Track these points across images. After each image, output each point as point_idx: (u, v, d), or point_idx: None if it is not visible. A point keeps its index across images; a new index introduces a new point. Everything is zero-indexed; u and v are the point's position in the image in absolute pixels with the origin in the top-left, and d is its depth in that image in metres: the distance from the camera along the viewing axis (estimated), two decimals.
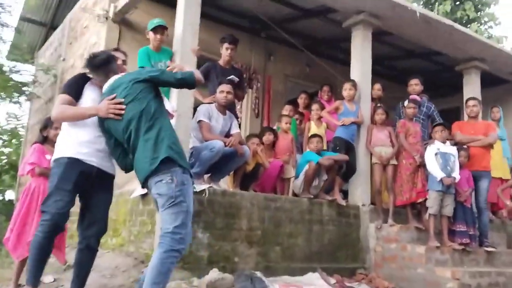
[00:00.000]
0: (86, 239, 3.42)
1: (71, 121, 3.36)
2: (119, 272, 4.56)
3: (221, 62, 6.01)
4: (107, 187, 3.53)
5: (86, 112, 3.31)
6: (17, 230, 4.12)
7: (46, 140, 4.37)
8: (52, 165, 3.40)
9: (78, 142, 3.34)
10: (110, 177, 3.53)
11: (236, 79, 5.79)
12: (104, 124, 3.24)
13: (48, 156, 4.14)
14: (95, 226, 3.42)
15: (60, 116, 3.37)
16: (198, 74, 3.34)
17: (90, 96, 3.44)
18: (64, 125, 3.47)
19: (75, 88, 3.42)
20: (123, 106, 3.09)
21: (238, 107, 7.14)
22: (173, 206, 2.96)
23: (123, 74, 3.38)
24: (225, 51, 5.92)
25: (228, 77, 5.66)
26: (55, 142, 3.66)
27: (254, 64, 8.43)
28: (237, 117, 6.02)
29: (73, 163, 3.28)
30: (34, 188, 4.21)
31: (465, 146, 6.18)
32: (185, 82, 3.31)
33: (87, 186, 3.39)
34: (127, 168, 3.36)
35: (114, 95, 3.15)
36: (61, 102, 3.35)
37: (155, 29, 5.16)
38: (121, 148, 3.27)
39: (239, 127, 6.26)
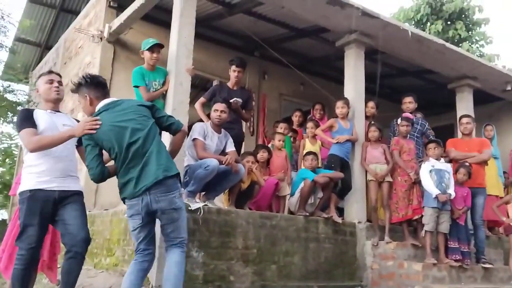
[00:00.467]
0: (75, 247, 3.44)
1: (50, 147, 3.42)
2: None
3: (229, 83, 6.12)
4: (75, 202, 3.56)
5: (63, 135, 3.43)
6: (9, 250, 4.10)
7: None
8: (18, 201, 3.46)
9: (38, 173, 3.43)
10: (75, 193, 3.58)
11: (240, 100, 5.85)
12: (91, 136, 3.38)
13: None
14: (78, 235, 3.45)
15: (38, 146, 3.40)
16: (185, 129, 3.70)
17: (42, 123, 3.51)
18: (26, 158, 3.52)
19: (31, 121, 3.49)
20: (99, 122, 3.33)
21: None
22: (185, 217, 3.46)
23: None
24: (232, 73, 6.04)
25: (232, 99, 5.74)
26: None
27: (248, 83, 8.48)
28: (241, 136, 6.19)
29: (34, 195, 3.37)
30: None
31: (467, 164, 6.17)
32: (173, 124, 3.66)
33: (55, 211, 3.46)
34: (103, 177, 3.43)
35: (98, 118, 3.37)
36: (31, 135, 3.42)
37: (151, 48, 5.15)
38: (101, 158, 3.44)
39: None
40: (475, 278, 5.92)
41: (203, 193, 5.22)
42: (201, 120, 5.79)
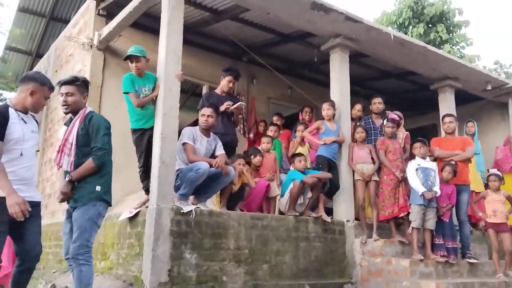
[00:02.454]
0: (27, 263, 3.49)
1: None
2: None
3: (217, 90, 6.12)
4: (37, 217, 3.53)
5: (3, 187, 3.21)
6: None
7: None
8: None
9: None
10: (37, 204, 3.54)
11: (244, 104, 5.99)
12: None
13: None
14: (33, 251, 3.49)
15: None
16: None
17: (15, 133, 3.34)
18: None
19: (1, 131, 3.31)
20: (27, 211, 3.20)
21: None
22: None
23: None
24: (226, 83, 6.01)
25: (225, 104, 5.76)
26: None
27: (237, 87, 8.50)
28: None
29: (3, 202, 3.20)
30: None
31: (452, 162, 6.24)
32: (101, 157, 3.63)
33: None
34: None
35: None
36: None
37: (128, 59, 5.19)
38: None
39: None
40: (461, 273, 5.98)
41: (194, 196, 5.22)
42: (193, 124, 5.80)
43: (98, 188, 3.58)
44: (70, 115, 3.85)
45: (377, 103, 6.93)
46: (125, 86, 5.12)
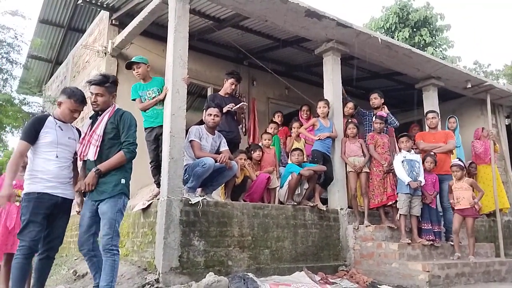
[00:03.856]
0: (48, 251, 3.51)
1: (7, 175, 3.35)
2: (124, 280, 4.50)
3: (221, 92, 6.14)
4: (67, 210, 3.60)
5: (5, 183, 3.30)
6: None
7: None
8: (23, 198, 3.42)
9: (45, 178, 3.40)
10: (70, 202, 3.61)
11: (245, 104, 6.02)
12: None
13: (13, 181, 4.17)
14: (55, 241, 3.53)
15: (8, 165, 3.40)
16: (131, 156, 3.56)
17: (48, 137, 3.43)
18: (30, 158, 3.47)
19: (32, 134, 3.41)
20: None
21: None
22: None
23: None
24: (229, 85, 6.04)
25: (228, 105, 5.78)
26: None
27: (239, 89, 8.49)
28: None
29: (41, 197, 3.36)
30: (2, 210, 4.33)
31: (432, 153, 6.24)
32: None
33: (52, 212, 3.45)
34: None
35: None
36: (20, 152, 3.38)
37: (129, 68, 5.44)
38: None
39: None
40: (445, 254, 5.99)
41: (201, 188, 5.23)
42: (199, 123, 5.80)
43: (123, 181, 3.49)
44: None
45: (373, 99, 6.92)
46: (132, 94, 5.43)
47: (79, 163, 3.70)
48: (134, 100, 5.40)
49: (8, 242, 4.27)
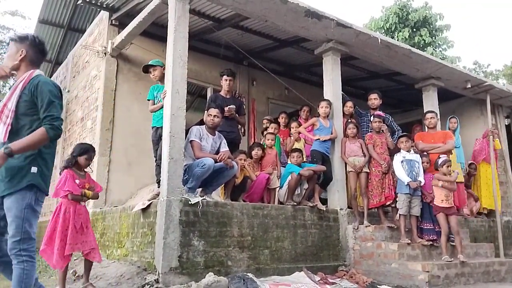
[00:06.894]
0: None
1: None
2: (124, 280, 4.49)
3: (222, 92, 6.18)
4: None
5: None
6: (58, 245, 4.11)
7: (74, 164, 4.38)
8: None
9: None
10: None
11: (233, 107, 5.91)
12: None
13: (77, 181, 4.31)
14: None
15: None
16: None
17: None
18: None
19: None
20: None
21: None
22: None
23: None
24: (225, 82, 6.12)
25: (226, 106, 5.79)
26: (82, 167, 4.30)
27: (239, 89, 8.51)
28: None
29: None
30: (66, 209, 4.24)
31: (425, 153, 6.23)
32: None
33: None
34: None
35: None
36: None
37: (145, 71, 5.82)
38: None
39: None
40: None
41: (201, 188, 5.22)
42: (199, 124, 5.80)
43: (34, 169, 2.72)
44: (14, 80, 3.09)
45: (373, 99, 6.91)
46: (148, 95, 5.79)
47: None
48: (148, 100, 5.69)
49: (78, 242, 4.21)
